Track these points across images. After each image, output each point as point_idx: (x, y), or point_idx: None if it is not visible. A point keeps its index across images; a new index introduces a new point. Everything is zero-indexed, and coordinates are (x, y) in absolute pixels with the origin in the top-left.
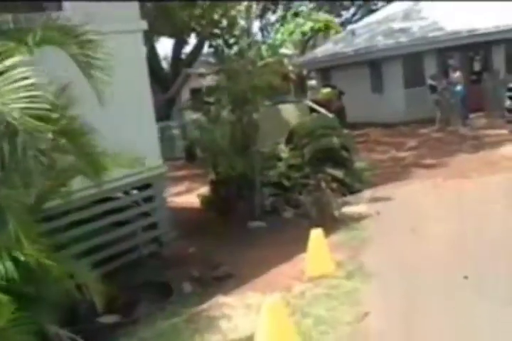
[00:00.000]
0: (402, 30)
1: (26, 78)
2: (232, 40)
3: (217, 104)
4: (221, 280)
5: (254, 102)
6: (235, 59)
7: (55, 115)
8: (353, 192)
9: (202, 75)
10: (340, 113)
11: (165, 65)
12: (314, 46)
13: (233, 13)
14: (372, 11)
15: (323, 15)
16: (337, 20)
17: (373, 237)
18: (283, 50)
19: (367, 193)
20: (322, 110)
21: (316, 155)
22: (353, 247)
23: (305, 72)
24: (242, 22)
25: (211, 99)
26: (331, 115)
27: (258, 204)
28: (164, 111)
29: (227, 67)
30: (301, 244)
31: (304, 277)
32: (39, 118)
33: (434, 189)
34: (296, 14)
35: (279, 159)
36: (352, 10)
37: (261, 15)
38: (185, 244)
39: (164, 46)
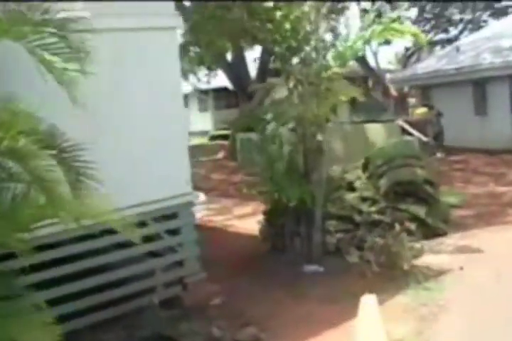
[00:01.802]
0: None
1: None
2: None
3: (277, 121)
4: None
5: (319, 120)
6: (297, 68)
7: None
8: (435, 235)
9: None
10: (437, 136)
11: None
12: (418, 62)
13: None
14: (481, 28)
15: (407, 26)
16: (444, 36)
17: (451, 304)
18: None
19: (452, 238)
20: (415, 132)
21: (394, 189)
22: (422, 317)
23: (406, 89)
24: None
25: (268, 115)
26: (425, 138)
27: (318, 243)
28: None
29: (286, 78)
30: (359, 302)
31: None
32: None
33: None
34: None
35: (353, 188)
36: (460, 26)
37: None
38: (218, 288)
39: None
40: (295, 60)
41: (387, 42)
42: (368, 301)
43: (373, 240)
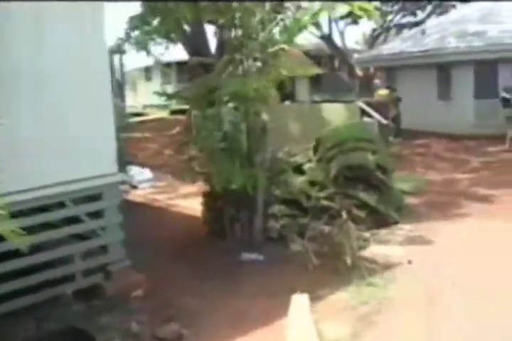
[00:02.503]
0: (477, 34)
1: None
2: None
3: (217, 97)
4: None
5: (263, 98)
6: (239, 43)
7: None
8: (387, 223)
9: None
10: (394, 120)
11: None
12: (384, 43)
13: None
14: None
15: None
16: (412, 19)
17: (394, 303)
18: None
19: (404, 228)
20: (375, 114)
21: (344, 173)
22: (360, 317)
23: (372, 69)
24: None
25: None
26: (385, 121)
27: (259, 230)
28: None
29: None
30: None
31: None
32: None
33: (490, 234)
34: None
35: (302, 171)
36: (428, 9)
37: None
38: (144, 278)
39: None
40: (240, 33)
41: (355, 21)
42: (300, 300)
43: (319, 228)
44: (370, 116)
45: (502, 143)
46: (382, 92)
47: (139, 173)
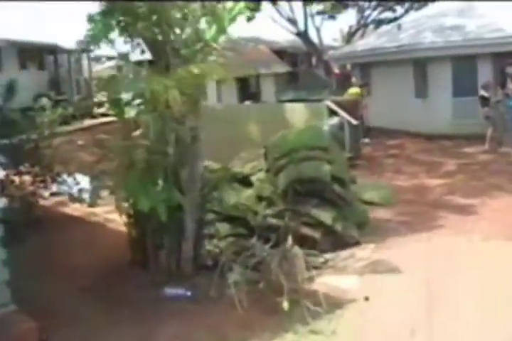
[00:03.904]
0: (455, 28)
1: None
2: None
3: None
4: None
5: (186, 102)
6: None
7: None
8: (346, 244)
9: None
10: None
11: None
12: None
13: None
14: None
15: None
16: (390, 15)
17: None
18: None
19: (365, 250)
20: (344, 114)
21: (294, 187)
22: None
23: (349, 66)
24: None
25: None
26: (354, 121)
27: (189, 258)
28: None
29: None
30: None
31: None
32: None
33: (466, 257)
34: None
35: (249, 183)
36: (406, 5)
37: None
38: (46, 322)
39: None
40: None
41: (332, 17)
42: None
43: (263, 253)
44: (337, 115)
45: (481, 144)
46: (353, 91)
47: (78, 183)
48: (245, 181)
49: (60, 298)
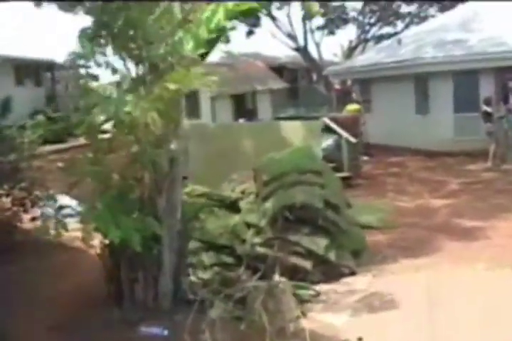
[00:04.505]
0: (456, 42)
1: None
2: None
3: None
4: None
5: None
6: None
7: None
8: (340, 275)
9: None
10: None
11: None
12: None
13: None
14: None
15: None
16: (390, 30)
17: None
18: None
19: (360, 282)
20: (342, 132)
21: (284, 214)
22: None
23: (350, 82)
24: None
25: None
26: (353, 139)
27: (167, 292)
28: None
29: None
30: None
31: None
32: None
33: (470, 286)
34: None
35: (238, 208)
36: (407, 20)
37: None
38: None
39: None
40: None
41: (332, 32)
42: None
43: (249, 286)
44: (335, 133)
45: (483, 161)
46: (351, 107)
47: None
48: (234, 206)
49: (23, 338)
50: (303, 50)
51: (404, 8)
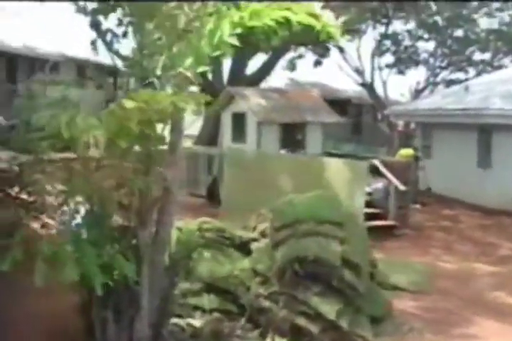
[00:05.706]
0: None
1: None
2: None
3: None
4: None
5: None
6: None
7: None
8: None
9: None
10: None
11: None
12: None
13: None
14: None
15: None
16: (462, 75)
17: None
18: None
19: None
20: (391, 177)
21: (293, 267)
22: None
23: (413, 125)
24: None
25: None
26: (401, 186)
27: (143, 337)
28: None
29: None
30: None
31: None
32: None
33: None
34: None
35: (248, 251)
36: (480, 67)
37: None
38: None
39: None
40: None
41: (401, 72)
42: None
43: None
44: (383, 176)
45: None
46: (404, 152)
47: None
48: (244, 248)
49: None
50: (369, 86)
51: (478, 56)
